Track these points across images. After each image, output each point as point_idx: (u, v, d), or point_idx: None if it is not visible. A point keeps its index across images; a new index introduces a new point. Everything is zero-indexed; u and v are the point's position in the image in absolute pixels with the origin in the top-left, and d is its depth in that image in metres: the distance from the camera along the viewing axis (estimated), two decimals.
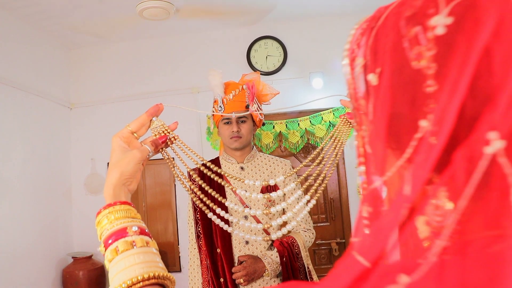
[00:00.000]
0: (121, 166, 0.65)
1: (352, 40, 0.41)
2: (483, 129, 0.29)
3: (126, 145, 0.68)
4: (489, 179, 0.29)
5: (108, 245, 0.57)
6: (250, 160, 1.73)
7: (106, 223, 0.59)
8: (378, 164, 0.35)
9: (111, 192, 0.63)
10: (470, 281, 0.28)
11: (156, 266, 0.56)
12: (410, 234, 0.32)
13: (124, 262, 0.55)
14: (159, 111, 0.74)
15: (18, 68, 2.89)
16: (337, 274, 0.33)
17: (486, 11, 0.30)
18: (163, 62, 3.52)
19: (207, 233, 1.63)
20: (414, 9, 0.33)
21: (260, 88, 1.69)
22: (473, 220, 0.30)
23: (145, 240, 0.58)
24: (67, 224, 3.39)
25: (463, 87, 0.30)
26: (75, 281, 3.07)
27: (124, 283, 0.53)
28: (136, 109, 3.47)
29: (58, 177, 3.33)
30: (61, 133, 3.42)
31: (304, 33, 3.42)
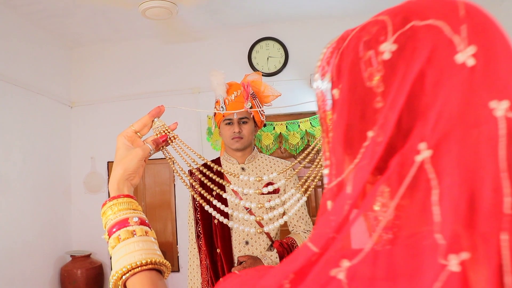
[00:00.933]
0: (125, 163, 0.71)
1: (323, 58, 0.46)
2: (415, 140, 0.35)
3: (129, 144, 0.74)
4: (417, 182, 0.35)
5: (112, 233, 0.64)
6: (251, 160, 1.73)
7: (110, 213, 0.66)
8: (337, 167, 0.41)
9: (115, 186, 0.70)
10: (397, 269, 0.34)
11: (154, 253, 0.63)
12: (353, 225, 0.37)
13: (125, 249, 0.62)
14: (160, 112, 0.79)
15: (19, 66, 2.90)
16: (291, 259, 0.39)
17: (422, 41, 0.36)
18: (164, 62, 3.53)
19: (207, 233, 1.63)
20: (370, 35, 0.40)
21: (262, 89, 1.69)
22: (410, 217, 0.36)
23: (145, 229, 0.65)
24: (66, 222, 3.40)
25: (400, 104, 0.36)
26: (73, 280, 3.08)
27: (124, 267, 0.60)
28: (136, 108, 3.48)
29: (58, 175, 3.34)
30: (61, 132, 3.43)
31: (305, 35, 3.43)
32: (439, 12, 0.37)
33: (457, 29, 0.36)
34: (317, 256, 0.37)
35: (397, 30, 0.38)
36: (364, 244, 0.36)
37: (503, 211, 0.32)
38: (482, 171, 0.33)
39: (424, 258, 0.33)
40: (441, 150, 0.34)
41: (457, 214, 0.33)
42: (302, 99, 3.29)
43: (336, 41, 0.45)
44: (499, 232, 0.32)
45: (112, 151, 3.43)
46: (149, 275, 0.62)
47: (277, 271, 0.39)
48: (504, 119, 0.33)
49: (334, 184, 0.40)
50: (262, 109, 1.68)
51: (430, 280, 0.32)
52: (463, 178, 0.33)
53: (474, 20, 0.36)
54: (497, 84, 0.34)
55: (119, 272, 0.60)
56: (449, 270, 0.32)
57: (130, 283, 0.61)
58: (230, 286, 0.44)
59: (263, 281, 0.39)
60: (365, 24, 0.41)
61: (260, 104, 1.68)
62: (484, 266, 0.32)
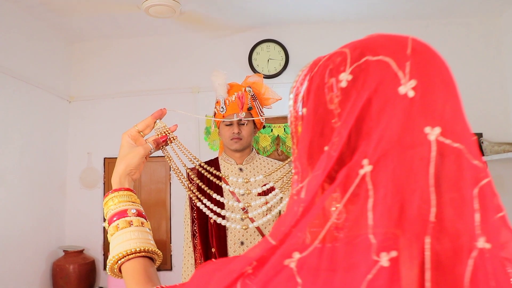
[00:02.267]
0: (127, 159, 0.79)
1: (298, 80, 0.53)
2: (360, 157, 0.42)
3: (133, 142, 0.82)
4: (359, 191, 0.42)
5: (112, 222, 0.72)
6: (249, 162, 1.75)
7: (111, 204, 0.74)
8: (302, 175, 0.48)
9: (117, 180, 0.78)
10: (338, 262, 0.41)
11: (148, 242, 0.71)
12: (307, 224, 0.44)
13: (122, 237, 0.70)
14: (162, 114, 0.88)
15: (19, 59, 2.91)
16: (254, 249, 0.46)
17: (372, 74, 0.43)
18: (165, 60, 3.54)
19: (203, 232, 1.65)
20: (334, 65, 0.47)
21: (263, 91, 1.71)
22: (354, 219, 0.42)
23: (141, 221, 0.73)
24: (60, 217, 3.40)
25: (350, 125, 0.43)
26: (65, 275, 3.08)
27: (120, 253, 0.68)
28: (135, 105, 3.50)
29: (54, 169, 3.34)
30: (59, 126, 3.43)
31: (306, 39, 3.46)
32: (389, 50, 0.44)
33: (402, 65, 0.43)
34: (275, 248, 0.45)
35: (354, 62, 0.45)
36: (310, 240, 0.44)
37: (429, 219, 0.39)
38: (414, 185, 0.40)
39: (360, 254, 0.40)
40: (379, 166, 0.41)
41: (388, 219, 0.39)
42: None
43: (309, 67, 0.52)
44: (424, 236, 0.39)
45: (109, 147, 3.45)
46: (142, 261, 0.69)
47: (242, 259, 0.46)
48: (435, 143, 0.41)
49: (297, 189, 0.46)
50: (262, 118, 1.70)
51: (363, 273, 0.39)
52: (396, 190, 0.40)
53: (417, 58, 0.44)
54: (432, 113, 0.42)
55: (115, 257, 0.69)
56: (380, 265, 0.39)
57: (125, 267, 0.69)
58: (206, 270, 0.51)
59: (230, 266, 0.47)
60: (332, 53, 0.49)
61: (260, 106, 1.70)
62: (412, 263, 0.39)
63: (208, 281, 0.48)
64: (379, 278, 0.38)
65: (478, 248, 0.39)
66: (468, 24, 3.33)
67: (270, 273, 0.43)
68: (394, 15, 3.30)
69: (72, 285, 3.08)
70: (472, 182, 0.41)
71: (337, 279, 0.40)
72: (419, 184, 0.40)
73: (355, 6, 3.14)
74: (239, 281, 0.45)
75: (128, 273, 0.68)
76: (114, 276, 0.72)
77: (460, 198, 0.40)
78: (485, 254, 0.39)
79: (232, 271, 0.46)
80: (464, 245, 0.39)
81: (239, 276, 0.46)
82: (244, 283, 0.45)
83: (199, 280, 0.52)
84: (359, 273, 0.39)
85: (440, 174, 0.40)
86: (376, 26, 3.40)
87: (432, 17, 3.33)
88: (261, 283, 0.43)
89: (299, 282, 0.41)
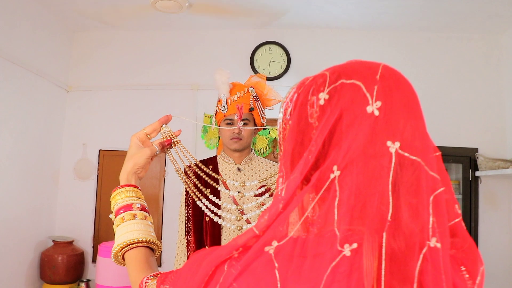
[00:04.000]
0: (135, 159, 0.88)
1: (288, 96, 0.63)
2: (331, 163, 0.51)
3: (140, 144, 0.92)
4: (328, 192, 0.51)
5: (118, 214, 0.82)
6: (248, 162, 1.78)
7: (119, 198, 0.84)
8: (285, 177, 0.57)
9: (125, 177, 0.88)
10: (308, 250, 0.50)
11: (149, 234, 0.81)
12: (285, 218, 0.53)
13: (126, 228, 0.80)
14: (168, 120, 0.99)
15: (19, 44, 2.93)
16: (240, 237, 0.55)
17: (345, 94, 0.53)
18: (167, 55, 3.57)
19: (198, 230, 1.67)
20: (316, 85, 0.57)
21: (265, 92, 1.74)
22: (325, 215, 0.51)
23: (144, 214, 0.83)
24: (51, 206, 3.41)
25: (324, 136, 0.53)
26: (53, 265, 3.09)
27: (124, 242, 0.78)
28: (133, 99, 3.51)
29: (48, 158, 3.35)
30: (55, 115, 3.44)
31: (310, 43, 3.50)
32: (361, 75, 0.54)
33: (371, 88, 0.53)
34: (258, 237, 0.54)
35: (331, 84, 0.55)
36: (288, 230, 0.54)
37: (387, 218, 0.48)
38: (375, 189, 0.49)
39: (327, 244, 0.49)
40: (346, 171, 0.50)
41: (350, 216, 0.49)
42: None
43: (298, 85, 0.62)
44: (382, 232, 0.48)
45: (105, 139, 3.47)
46: (143, 250, 0.79)
47: (229, 245, 0.56)
48: (395, 155, 0.50)
49: (280, 189, 0.55)
50: (264, 115, 1.72)
51: (329, 260, 0.48)
52: (359, 192, 0.49)
53: (384, 83, 0.53)
54: (393, 130, 0.51)
55: (119, 245, 0.78)
56: (343, 254, 0.47)
57: (128, 255, 0.79)
58: (198, 255, 0.60)
59: (219, 251, 0.56)
60: (316, 75, 0.59)
61: (261, 107, 1.72)
62: (372, 254, 0.47)
63: (199, 264, 0.57)
64: (342, 265, 0.47)
65: (429, 246, 0.47)
66: (470, 39, 3.39)
67: (252, 257, 0.52)
68: (398, 26, 3.35)
69: (59, 275, 3.09)
70: (428, 190, 0.49)
71: (307, 264, 0.49)
72: (379, 189, 0.49)
73: (361, 15, 3.19)
74: (226, 263, 0.54)
75: (131, 260, 0.78)
76: (117, 263, 0.82)
77: (417, 203, 0.48)
78: (436, 252, 0.47)
79: (221, 255, 0.55)
80: (416, 243, 0.47)
81: (226, 259, 0.54)
82: (231, 264, 0.54)
83: (192, 264, 0.60)
84: (325, 260, 0.48)
85: (398, 181, 0.49)
86: (380, 36, 3.44)
87: (435, 31, 3.39)
88: (245, 264, 0.52)
89: (276, 265, 0.50)
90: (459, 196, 3.32)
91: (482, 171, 3.15)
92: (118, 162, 3.45)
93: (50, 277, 3.10)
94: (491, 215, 3.24)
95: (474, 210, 3.25)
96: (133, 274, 0.76)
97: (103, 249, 3.02)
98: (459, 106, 3.37)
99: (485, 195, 3.27)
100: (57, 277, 3.10)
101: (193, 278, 0.56)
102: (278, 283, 0.49)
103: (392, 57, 3.43)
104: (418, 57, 3.42)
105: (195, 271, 0.56)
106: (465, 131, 3.34)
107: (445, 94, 3.38)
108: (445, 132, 3.33)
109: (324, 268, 0.47)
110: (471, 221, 3.24)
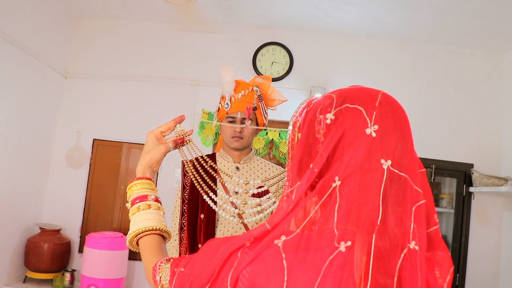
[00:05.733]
0: (151, 154, 0.99)
1: (297, 111, 0.74)
2: (333, 174, 0.63)
3: (156, 140, 1.02)
4: (330, 198, 0.62)
5: (134, 203, 0.93)
6: (247, 161, 1.78)
7: (135, 189, 0.94)
8: (292, 182, 0.68)
9: (141, 170, 0.98)
10: (311, 245, 0.60)
11: (161, 223, 0.91)
12: (293, 217, 0.64)
13: (142, 217, 0.90)
14: (182, 120, 1.11)
15: (20, 26, 2.95)
16: (252, 230, 0.66)
17: (348, 117, 0.65)
18: (169, 48, 3.59)
19: (191, 227, 1.68)
20: (323, 105, 0.68)
21: (269, 92, 1.74)
22: (326, 217, 0.62)
23: (158, 205, 0.94)
24: (40, 193, 3.40)
25: (328, 151, 0.64)
26: (38, 253, 3.08)
27: (139, 229, 0.89)
28: (132, 90, 3.51)
29: (40, 144, 3.36)
30: (51, 100, 3.44)
31: (313, 47, 3.54)
32: (363, 101, 0.66)
33: (371, 113, 0.64)
34: (269, 231, 0.64)
35: (337, 106, 0.67)
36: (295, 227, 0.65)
37: (377, 223, 0.59)
38: (368, 198, 0.61)
39: (326, 240, 0.60)
40: (346, 182, 0.62)
41: (346, 219, 0.60)
42: None
43: (307, 102, 0.73)
44: (372, 234, 0.59)
45: (100, 128, 3.46)
46: (156, 237, 0.90)
47: (243, 235, 0.67)
48: (387, 170, 0.61)
49: (288, 192, 0.67)
50: (267, 115, 1.72)
51: (328, 253, 0.59)
52: (355, 199, 0.61)
53: (382, 109, 0.65)
54: (386, 150, 0.63)
55: (135, 231, 0.89)
56: (339, 250, 0.59)
57: (142, 240, 0.90)
58: (213, 243, 0.71)
59: (234, 239, 0.67)
60: (324, 96, 0.71)
61: (265, 107, 1.72)
62: (362, 251, 0.58)
63: (215, 250, 0.67)
64: (337, 258, 0.58)
65: (409, 248, 0.58)
66: (473, 55, 3.44)
67: (264, 247, 0.63)
68: (403, 37, 3.40)
69: (44, 263, 3.08)
70: (412, 202, 0.60)
71: (310, 256, 0.60)
72: (372, 198, 0.60)
73: (367, 23, 3.24)
74: (240, 250, 0.65)
75: (145, 245, 0.89)
76: (131, 247, 0.93)
77: (401, 212, 0.60)
78: (415, 253, 0.58)
79: (235, 243, 0.65)
80: (399, 244, 0.58)
81: (240, 247, 0.65)
82: (244, 251, 0.64)
83: (207, 250, 0.70)
84: (325, 254, 0.59)
85: (388, 192, 0.60)
86: (384, 45, 3.49)
87: (440, 44, 3.44)
88: (256, 253, 0.62)
89: (283, 256, 0.61)
90: (451, 211, 3.37)
91: (476, 187, 3.19)
92: (111, 153, 3.49)
93: (35, 265, 3.08)
94: (482, 231, 3.29)
95: (465, 225, 3.30)
96: (147, 258, 0.85)
97: (90, 239, 3.01)
98: (458, 120, 3.41)
99: (477, 211, 3.32)
100: (41, 265, 3.08)
101: (210, 262, 0.66)
102: (285, 271, 0.59)
103: (395, 68, 3.48)
104: (421, 70, 3.47)
105: (212, 256, 0.66)
106: (462, 146, 3.38)
107: (445, 107, 3.43)
108: (442, 146, 3.38)
109: (324, 260, 0.58)
110: (461, 236, 3.29)
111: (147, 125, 3.49)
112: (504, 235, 3.25)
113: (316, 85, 3.43)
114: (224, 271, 0.64)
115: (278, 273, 0.59)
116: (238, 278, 0.62)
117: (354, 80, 3.44)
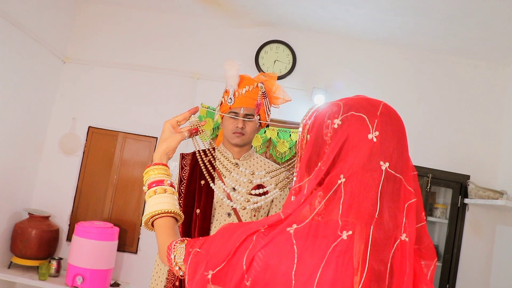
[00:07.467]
0: (168, 142, 1.09)
1: (307, 115, 0.84)
2: (339, 172, 0.73)
3: (172, 129, 1.12)
4: (336, 193, 0.73)
5: (151, 186, 1.03)
6: (247, 158, 1.78)
7: (152, 174, 1.04)
8: (300, 178, 0.80)
9: (158, 156, 1.08)
10: (318, 232, 0.71)
11: (175, 206, 1.02)
12: (305, 209, 0.74)
13: (158, 200, 1.00)
14: (196, 111, 1.18)
15: (21, 7, 2.94)
16: (267, 217, 0.77)
17: (353, 123, 0.75)
18: (170, 39, 3.60)
19: (186, 221, 1.69)
20: (331, 111, 0.79)
21: (274, 89, 1.72)
22: (331, 210, 0.73)
23: (172, 190, 1.05)
24: (31, 178, 3.38)
25: (335, 152, 0.75)
26: (25, 238, 3.06)
27: (155, 211, 0.98)
28: (131, 79, 3.50)
29: (34, 128, 3.35)
30: (48, 84, 3.43)
31: (317, 47, 3.56)
32: (366, 109, 0.77)
33: (373, 121, 0.75)
34: (282, 220, 0.75)
35: (344, 113, 0.77)
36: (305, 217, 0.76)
37: (375, 216, 0.69)
38: (368, 194, 0.71)
39: (331, 229, 0.71)
40: (349, 180, 0.73)
41: (349, 211, 0.71)
42: (299, 110, 3.33)
43: (316, 108, 0.84)
44: (370, 225, 0.70)
45: (96, 116, 3.45)
46: (170, 219, 0.99)
47: (259, 222, 0.77)
48: (385, 171, 0.71)
49: (297, 187, 0.78)
50: (269, 113, 1.71)
51: (332, 240, 0.69)
52: (356, 195, 0.71)
53: (382, 118, 0.76)
54: (385, 153, 0.74)
55: (151, 213, 0.98)
56: (341, 238, 0.69)
57: (157, 222, 0.99)
58: (229, 227, 0.80)
59: (249, 225, 0.77)
60: (332, 103, 0.83)
61: (268, 104, 1.70)
62: (361, 241, 0.69)
63: (231, 233, 0.77)
64: (340, 245, 0.68)
65: (401, 240, 0.68)
66: (476, 67, 3.48)
67: (277, 234, 0.73)
68: (407, 44, 3.43)
69: (31, 250, 3.06)
70: (404, 199, 0.71)
71: (317, 242, 0.70)
72: (371, 194, 0.70)
73: (373, 27, 3.28)
74: (255, 234, 0.75)
75: (160, 226, 0.98)
76: (146, 227, 1.02)
77: (395, 208, 0.70)
78: (405, 244, 0.68)
79: (251, 228, 0.75)
80: (392, 236, 0.68)
81: (255, 231, 0.76)
82: (259, 235, 0.74)
83: (224, 233, 0.79)
84: (329, 241, 0.69)
85: (384, 190, 0.70)
86: (388, 51, 3.52)
87: (443, 53, 3.48)
88: (270, 238, 0.72)
89: (294, 242, 0.71)
90: (445, 221, 3.40)
91: (472, 198, 3.22)
92: (106, 141, 3.47)
93: (21, 251, 3.06)
94: (474, 244, 3.32)
95: (458, 236, 3.33)
96: (161, 239, 0.94)
97: (80, 228, 3.00)
98: (457, 131, 3.44)
99: (471, 223, 3.35)
100: (28, 251, 3.06)
101: (226, 243, 0.75)
102: (295, 254, 0.70)
103: (397, 74, 3.51)
104: (423, 77, 3.51)
105: (228, 238, 0.76)
106: (460, 157, 3.41)
107: (444, 117, 3.47)
108: (439, 155, 3.42)
109: (328, 246, 0.69)
110: (454, 247, 3.32)
111: (144, 116, 3.53)
112: (496, 248, 3.29)
113: (317, 86, 3.43)
114: (239, 252, 0.73)
115: (289, 256, 0.69)
116: (253, 258, 0.71)
117: (356, 83, 3.46)
